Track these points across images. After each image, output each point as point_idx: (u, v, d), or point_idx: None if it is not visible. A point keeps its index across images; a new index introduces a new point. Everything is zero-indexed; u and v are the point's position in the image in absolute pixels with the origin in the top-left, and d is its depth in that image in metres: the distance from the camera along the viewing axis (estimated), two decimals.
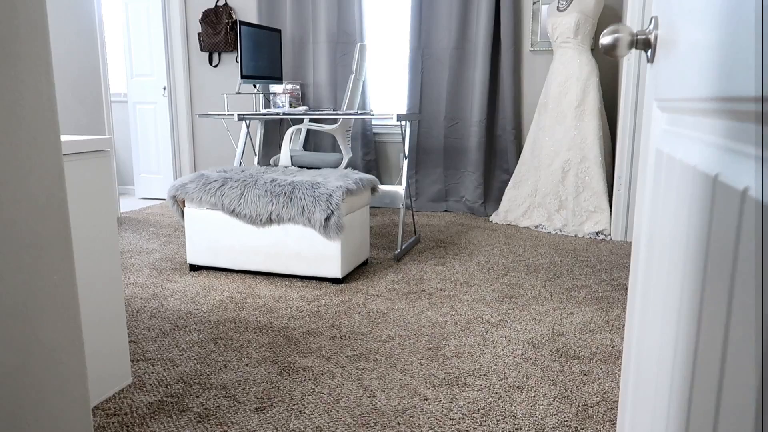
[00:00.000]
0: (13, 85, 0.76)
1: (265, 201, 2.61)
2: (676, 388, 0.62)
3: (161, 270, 2.88)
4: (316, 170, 3.03)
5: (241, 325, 2.16)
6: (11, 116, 0.76)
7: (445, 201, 4.46)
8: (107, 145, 1.57)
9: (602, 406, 1.59)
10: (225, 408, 1.57)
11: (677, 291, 0.64)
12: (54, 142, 0.83)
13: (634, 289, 0.91)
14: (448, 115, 4.32)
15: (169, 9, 4.84)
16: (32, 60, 0.78)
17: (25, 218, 0.79)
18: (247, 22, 3.53)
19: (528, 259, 3.07)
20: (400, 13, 4.51)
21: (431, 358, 1.88)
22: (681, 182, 0.64)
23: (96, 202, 1.55)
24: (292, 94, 4.19)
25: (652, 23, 0.81)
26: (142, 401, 1.61)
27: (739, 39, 0.46)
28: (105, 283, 1.61)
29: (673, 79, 0.69)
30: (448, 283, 2.66)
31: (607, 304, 2.39)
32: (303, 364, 1.84)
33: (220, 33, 4.74)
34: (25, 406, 0.81)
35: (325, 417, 1.53)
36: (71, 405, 0.89)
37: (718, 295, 0.50)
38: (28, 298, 0.80)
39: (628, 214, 3.48)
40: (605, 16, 3.91)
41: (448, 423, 1.50)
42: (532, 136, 3.89)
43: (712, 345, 0.50)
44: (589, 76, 3.64)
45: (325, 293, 2.52)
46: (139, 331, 2.10)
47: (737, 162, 0.47)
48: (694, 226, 0.58)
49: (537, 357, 1.90)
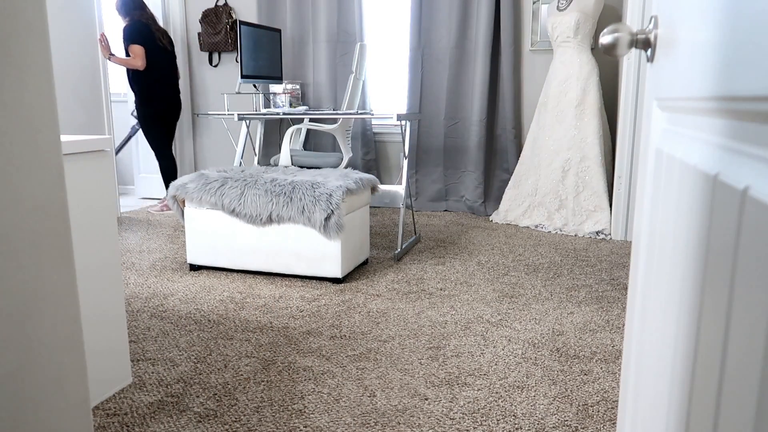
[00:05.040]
0: (13, 85, 0.76)
1: (265, 201, 2.61)
2: (677, 387, 0.62)
3: (161, 270, 2.88)
4: (316, 170, 3.03)
5: (241, 325, 2.16)
6: (11, 116, 0.76)
7: (445, 200, 4.46)
8: (107, 145, 1.57)
9: (602, 405, 1.59)
10: (225, 408, 1.57)
11: (677, 290, 0.64)
12: (54, 142, 0.83)
13: (634, 289, 0.91)
14: (448, 115, 4.32)
15: (169, 9, 4.84)
16: (32, 60, 0.78)
17: (25, 218, 0.79)
18: (247, 21, 3.53)
19: (528, 259, 3.07)
20: (400, 13, 4.51)
21: (431, 358, 1.88)
22: (681, 181, 0.64)
23: (96, 202, 1.55)
24: (292, 94, 4.19)
25: (652, 22, 0.81)
26: (143, 401, 1.61)
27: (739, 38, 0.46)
28: (105, 283, 1.61)
29: (673, 78, 0.69)
30: (448, 283, 2.66)
31: (607, 303, 2.39)
32: (303, 364, 1.84)
33: (220, 33, 4.73)
34: (25, 406, 0.81)
35: (325, 417, 1.53)
36: (71, 405, 0.89)
37: (718, 294, 0.50)
38: (28, 298, 0.80)
39: (628, 214, 3.48)
40: (605, 15, 3.91)
41: (448, 423, 1.50)
42: (532, 135, 3.89)
43: (712, 344, 0.50)
44: (589, 75, 3.64)
45: (325, 293, 2.52)
46: (139, 331, 2.10)
47: (737, 161, 0.47)
48: (695, 225, 0.58)
49: (537, 356, 1.90)
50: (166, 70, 4.14)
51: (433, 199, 4.46)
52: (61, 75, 3.84)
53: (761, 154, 0.42)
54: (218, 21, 4.73)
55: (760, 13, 0.41)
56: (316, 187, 2.59)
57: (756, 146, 0.43)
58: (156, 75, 4.08)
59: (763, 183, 0.40)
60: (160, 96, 4.13)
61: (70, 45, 3.88)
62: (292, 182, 2.64)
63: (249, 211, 2.64)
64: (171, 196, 2.79)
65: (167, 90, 4.17)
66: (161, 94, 4.14)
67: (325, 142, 4.64)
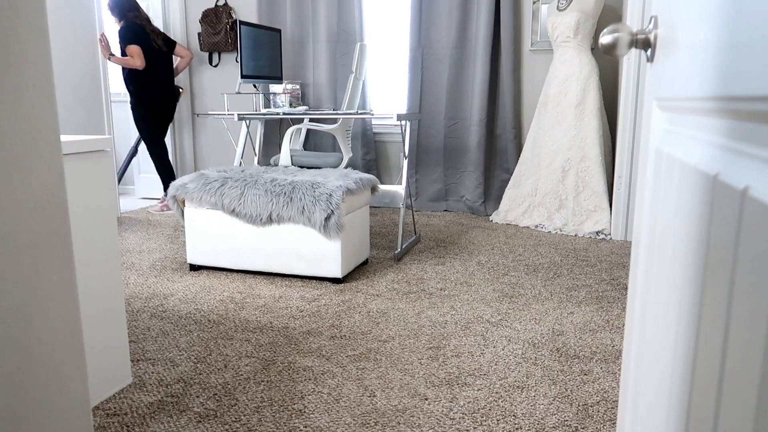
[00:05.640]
0: (14, 85, 0.76)
1: (265, 201, 2.61)
2: (677, 387, 0.62)
3: (161, 270, 2.88)
4: (316, 170, 3.03)
5: (241, 325, 2.16)
6: (11, 116, 0.76)
7: (445, 200, 4.46)
8: (107, 145, 1.57)
9: (602, 405, 1.59)
10: (225, 408, 1.57)
11: (677, 290, 0.64)
12: (54, 142, 0.83)
13: (634, 289, 0.91)
14: (448, 115, 4.32)
15: (169, 9, 4.84)
16: (32, 60, 0.78)
17: (25, 218, 0.79)
18: (247, 21, 3.53)
19: (528, 259, 3.07)
20: (400, 13, 4.51)
21: (431, 358, 1.88)
22: (681, 181, 0.64)
23: (96, 202, 1.55)
24: (292, 94, 4.19)
25: (652, 22, 0.81)
26: (143, 401, 1.61)
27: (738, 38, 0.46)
28: (105, 284, 1.61)
29: (673, 78, 0.69)
30: (448, 283, 2.66)
31: (607, 303, 2.39)
32: (303, 364, 1.84)
33: (220, 33, 4.74)
34: (25, 406, 0.81)
35: (325, 417, 1.53)
36: (71, 405, 0.89)
37: (718, 294, 0.50)
38: (28, 298, 0.80)
39: (628, 214, 3.48)
40: (605, 15, 3.91)
41: (448, 423, 1.50)
42: (532, 135, 3.89)
43: (712, 344, 0.50)
44: (589, 75, 3.64)
45: (325, 293, 2.52)
46: (139, 331, 2.10)
47: (737, 161, 0.47)
48: (694, 225, 0.58)
49: (537, 356, 1.90)
50: (160, 70, 4.23)
51: (433, 199, 4.46)
52: (61, 75, 3.84)
53: (761, 154, 0.42)
54: (218, 21, 4.73)
55: (759, 13, 0.41)
56: (316, 187, 2.59)
57: (756, 146, 0.43)
58: (151, 75, 4.16)
59: (763, 183, 0.40)
60: (154, 96, 4.22)
61: (70, 45, 3.88)
62: (292, 182, 2.64)
63: (249, 211, 2.64)
64: (171, 196, 2.79)
65: (161, 90, 4.26)
66: (156, 94, 4.22)
67: (325, 142, 4.64)
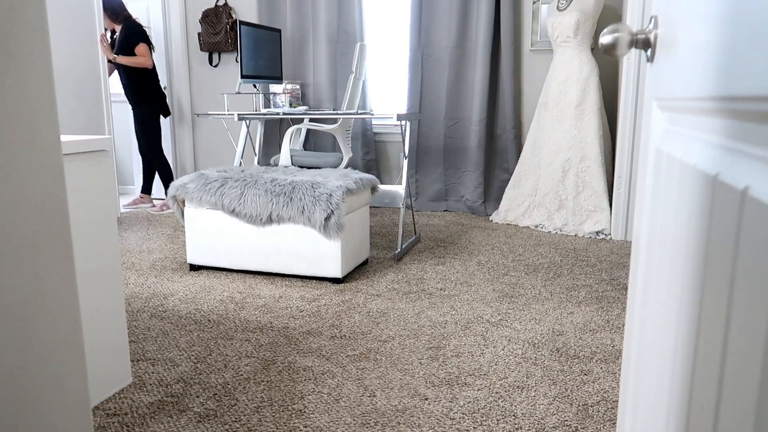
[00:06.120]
0: (13, 85, 0.76)
1: (265, 201, 2.61)
2: (677, 387, 0.62)
3: (161, 270, 2.88)
4: (316, 170, 3.03)
5: (241, 325, 2.16)
6: (11, 116, 0.76)
7: (445, 200, 4.46)
8: (107, 145, 1.57)
9: (602, 405, 1.59)
10: (225, 408, 1.57)
11: (677, 290, 0.64)
12: (54, 142, 0.83)
13: (634, 289, 0.91)
14: (448, 115, 4.32)
15: (169, 9, 4.84)
16: (32, 60, 0.78)
17: (25, 218, 0.79)
18: (247, 21, 3.53)
19: (528, 259, 3.07)
20: (400, 13, 4.51)
21: (431, 358, 1.88)
22: (681, 181, 0.64)
23: (96, 202, 1.55)
24: (292, 94, 4.19)
25: (652, 22, 0.81)
26: (143, 401, 1.61)
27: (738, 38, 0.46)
28: (105, 283, 1.61)
29: (673, 78, 0.69)
30: (448, 283, 2.66)
31: (607, 303, 2.39)
32: (303, 364, 1.84)
33: (220, 33, 4.74)
34: (24, 406, 0.81)
35: (325, 417, 1.53)
36: (71, 405, 0.89)
37: (718, 294, 0.50)
38: (28, 298, 0.80)
39: (628, 214, 3.48)
40: (605, 15, 3.91)
41: (448, 423, 1.50)
42: (532, 135, 3.89)
43: (713, 344, 0.50)
44: (589, 75, 3.64)
45: (325, 293, 2.52)
46: (139, 331, 2.10)
47: (737, 161, 0.47)
48: (694, 225, 0.58)
49: (537, 356, 1.90)
50: (155, 67, 4.38)
51: (433, 199, 4.46)
52: (61, 75, 3.84)
53: (761, 154, 0.42)
54: (218, 21, 4.73)
55: (759, 13, 0.41)
56: (316, 187, 2.59)
57: (756, 146, 0.43)
58: (154, 73, 4.33)
59: (762, 183, 0.40)
60: (157, 93, 4.34)
61: (70, 45, 3.88)
62: (292, 182, 2.64)
63: (249, 211, 2.64)
64: (171, 196, 2.79)
65: (160, 89, 4.39)
66: (160, 89, 4.37)
67: (325, 142, 4.64)
